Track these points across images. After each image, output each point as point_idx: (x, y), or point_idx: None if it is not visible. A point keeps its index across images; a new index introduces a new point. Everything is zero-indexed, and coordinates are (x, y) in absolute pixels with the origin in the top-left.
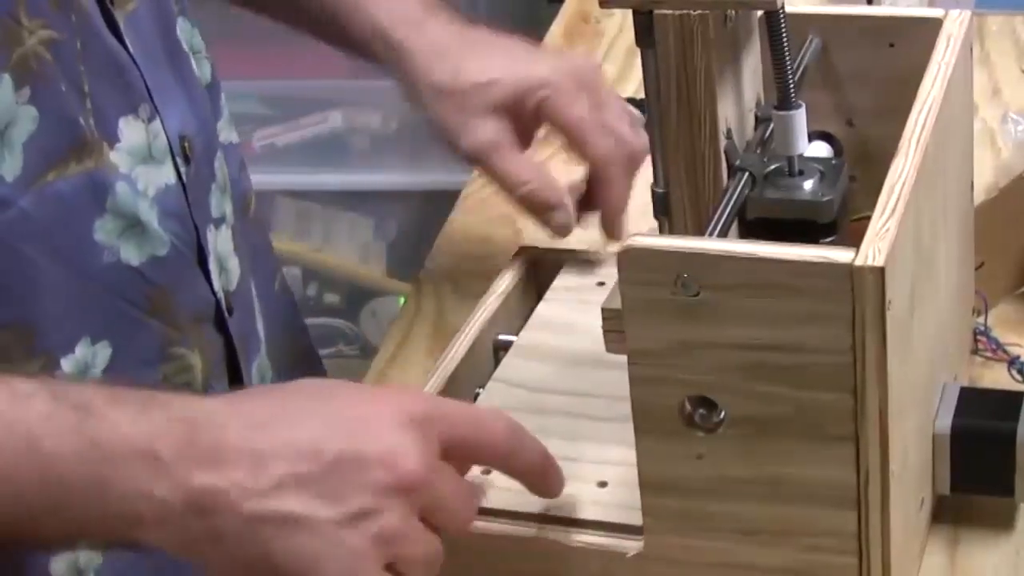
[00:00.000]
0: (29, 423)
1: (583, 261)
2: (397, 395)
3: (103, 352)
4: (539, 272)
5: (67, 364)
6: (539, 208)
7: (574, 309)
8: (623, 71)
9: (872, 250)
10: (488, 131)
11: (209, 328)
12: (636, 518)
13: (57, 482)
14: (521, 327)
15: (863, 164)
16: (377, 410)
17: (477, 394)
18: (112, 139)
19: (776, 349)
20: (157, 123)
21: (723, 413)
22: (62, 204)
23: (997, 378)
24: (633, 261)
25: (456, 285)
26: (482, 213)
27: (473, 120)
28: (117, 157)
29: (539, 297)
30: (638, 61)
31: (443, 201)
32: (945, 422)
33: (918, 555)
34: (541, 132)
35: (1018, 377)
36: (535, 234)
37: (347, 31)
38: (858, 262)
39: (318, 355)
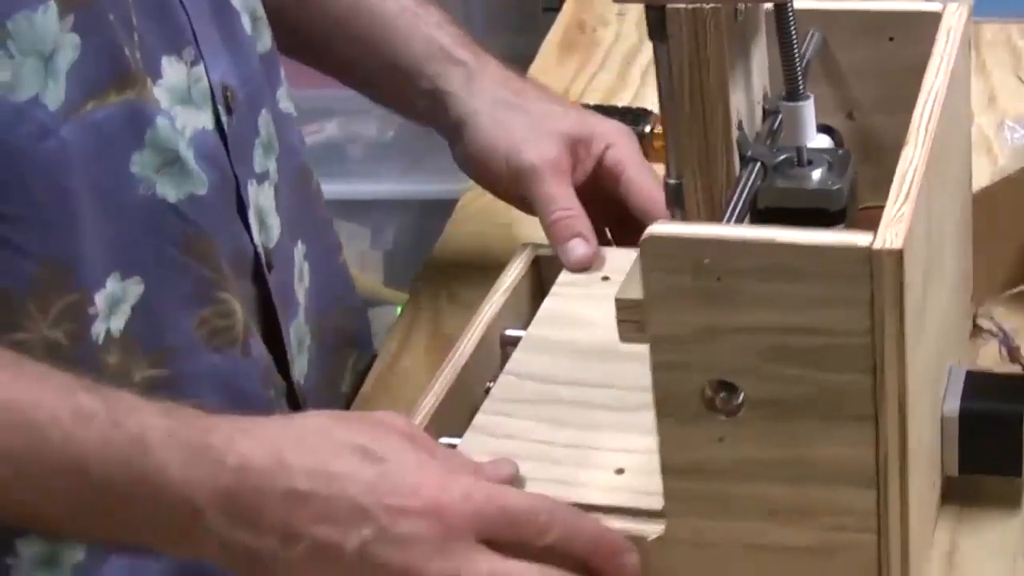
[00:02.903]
0: (85, 447)
1: None
2: (446, 482)
3: (134, 289)
4: (542, 269)
5: (100, 299)
6: (565, 235)
7: (580, 303)
8: (619, 80)
9: (889, 234)
10: (551, 151)
11: (247, 280)
12: (655, 503)
13: (103, 507)
14: (527, 322)
15: (864, 157)
16: (417, 505)
17: (488, 388)
18: (155, 75)
19: (796, 332)
20: (200, 68)
21: (744, 396)
22: (99, 134)
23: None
24: (655, 249)
25: (453, 294)
26: (479, 222)
27: (540, 138)
28: (159, 92)
29: (543, 293)
30: (634, 70)
31: (440, 210)
32: (953, 405)
33: (931, 534)
34: None
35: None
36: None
37: (397, 58)
38: (876, 245)
39: (370, 340)
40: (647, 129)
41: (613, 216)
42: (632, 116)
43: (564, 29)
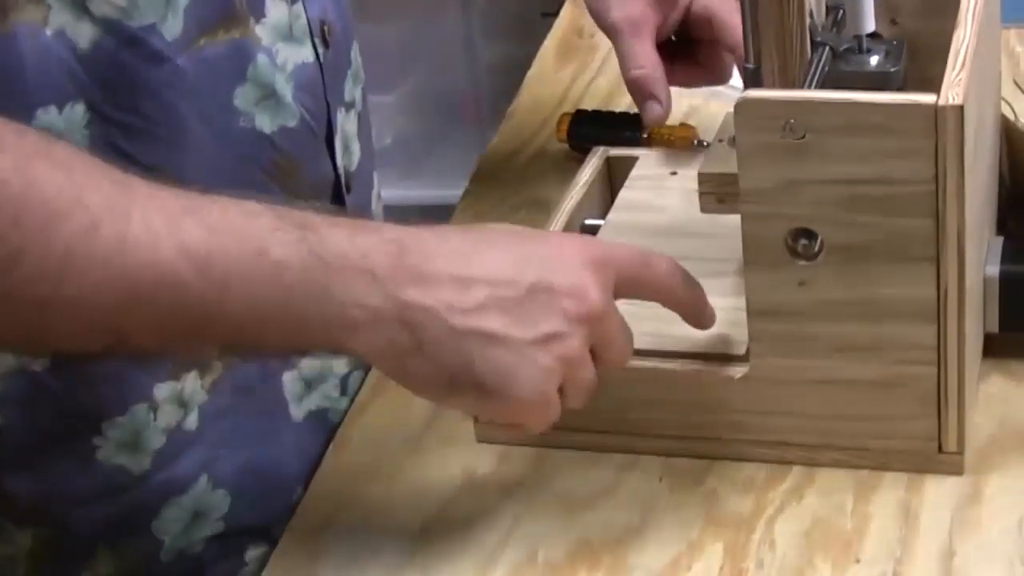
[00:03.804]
0: (260, 235)
1: (656, 155)
2: (578, 239)
3: None
4: (613, 168)
5: None
6: (642, 94)
7: (653, 193)
8: (617, 85)
9: (951, 93)
10: (632, 10)
11: (326, 202)
12: (738, 349)
13: (284, 287)
14: (602, 214)
15: (907, 60)
16: (563, 250)
17: None
18: (259, 14)
19: (869, 183)
20: (299, 6)
21: (822, 243)
22: (209, 68)
23: None
24: (748, 110)
25: None
26: None
27: None
28: (261, 31)
29: (614, 189)
30: None
31: (437, 215)
32: (994, 268)
33: (977, 381)
34: None
35: None
36: None
37: None
38: (941, 103)
39: None
40: (644, 135)
41: (707, 53)
42: (629, 122)
43: (562, 34)
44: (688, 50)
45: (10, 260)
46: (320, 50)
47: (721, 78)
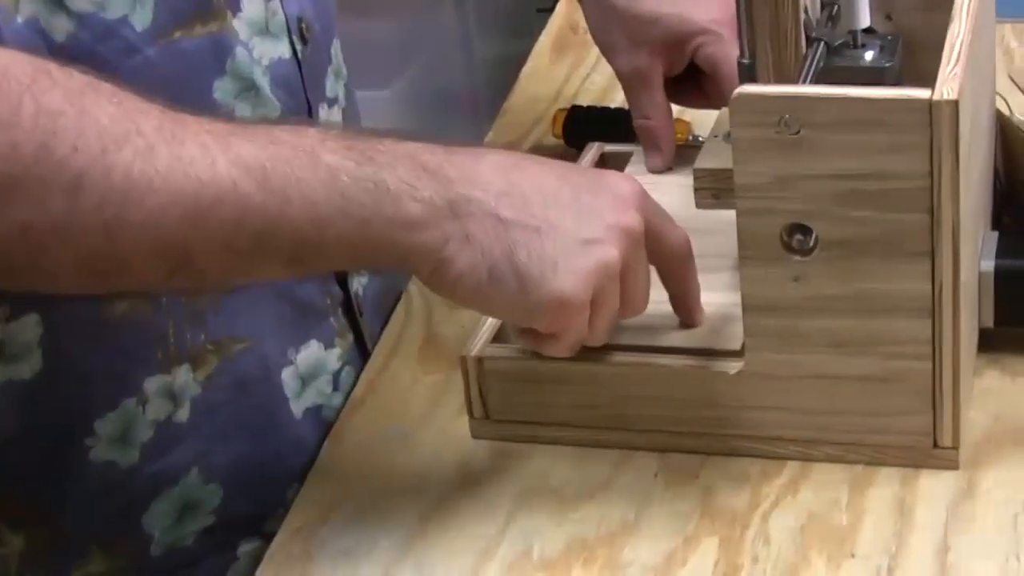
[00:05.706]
0: (310, 144)
1: None
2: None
3: None
4: (608, 163)
5: None
6: (645, 144)
7: (649, 189)
8: (611, 81)
9: (946, 88)
10: (639, 62)
11: None
12: (733, 345)
13: (340, 189)
14: None
15: (902, 56)
16: (605, 175)
17: None
18: (235, 9)
19: (864, 178)
20: (276, 3)
21: (817, 238)
22: (185, 60)
23: None
24: (744, 105)
25: None
26: None
27: (631, 48)
28: (238, 24)
29: None
30: None
31: None
32: (989, 263)
33: (972, 376)
34: None
35: None
36: None
37: None
38: (936, 97)
39: None
40: None
41: (712, 87)
42: (624, 117)
43: (557, 30)
44: (695, 73)
45: (73, 187)
46: (298, 47)
47: (723, 105)
